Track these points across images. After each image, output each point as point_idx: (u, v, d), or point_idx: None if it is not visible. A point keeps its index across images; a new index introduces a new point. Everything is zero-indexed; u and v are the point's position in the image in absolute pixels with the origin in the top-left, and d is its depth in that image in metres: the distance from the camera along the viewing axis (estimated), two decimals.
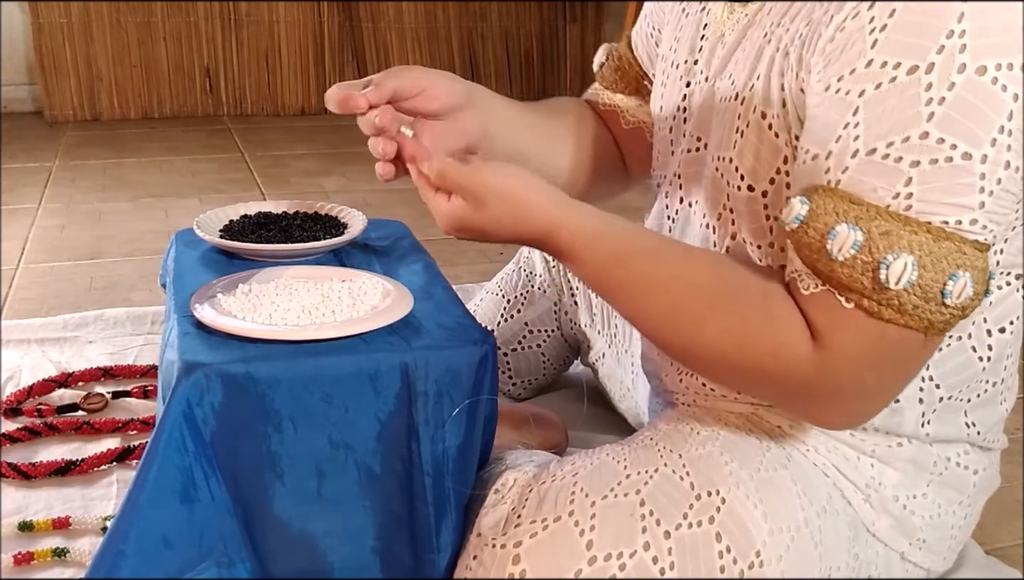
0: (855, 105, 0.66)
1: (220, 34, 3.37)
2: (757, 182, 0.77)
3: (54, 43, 3.18)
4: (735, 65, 0.80)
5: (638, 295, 0.75)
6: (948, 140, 0.63)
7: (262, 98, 3.46)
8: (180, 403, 0.72)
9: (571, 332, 1.26)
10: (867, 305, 0.67)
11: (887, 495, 0.83)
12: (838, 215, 0.66)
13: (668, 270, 0.74)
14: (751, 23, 0.79)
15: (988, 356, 0.81)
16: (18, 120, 3.18)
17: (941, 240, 0.65)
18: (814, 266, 0.69)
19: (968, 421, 0.84)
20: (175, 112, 3.35)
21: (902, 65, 0.64)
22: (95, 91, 3.24)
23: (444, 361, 0.77)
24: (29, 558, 0.98)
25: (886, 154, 0.65)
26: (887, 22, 0.65)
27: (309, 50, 3.48)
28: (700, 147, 0.85)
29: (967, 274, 0.65)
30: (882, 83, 0.65)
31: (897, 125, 0.64)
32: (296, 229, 1.00)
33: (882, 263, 0.65)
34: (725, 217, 0.82)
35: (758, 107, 0.76)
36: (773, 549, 0.75)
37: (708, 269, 0.75)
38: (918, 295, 0.65)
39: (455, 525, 0.79)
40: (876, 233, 0.65)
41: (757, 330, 0.71)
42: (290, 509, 0.77)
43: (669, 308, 0.74)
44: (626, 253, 0.75)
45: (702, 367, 0.80)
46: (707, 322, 0.73)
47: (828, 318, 0.69)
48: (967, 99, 0.63)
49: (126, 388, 1.33)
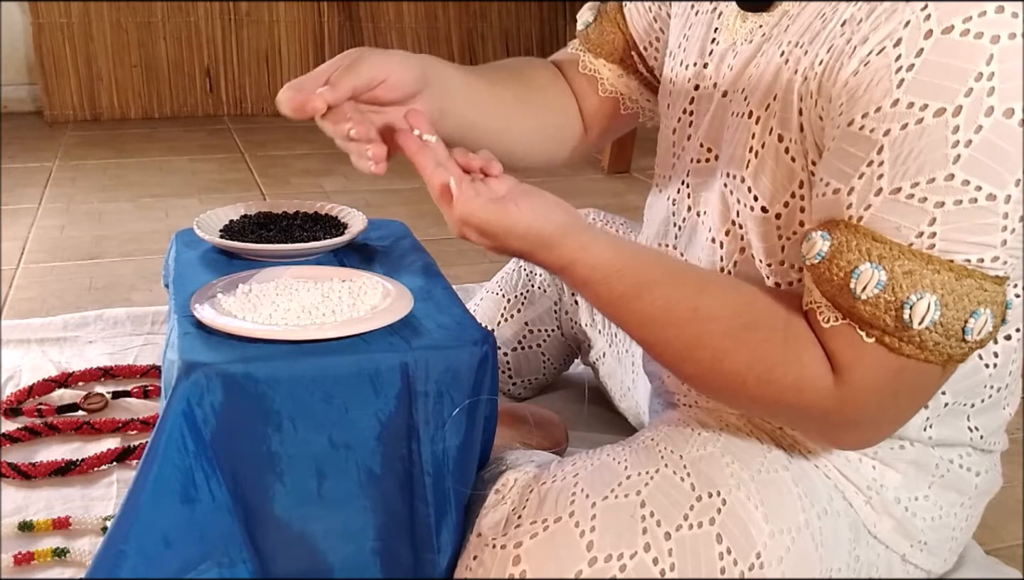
0: (879, 144, 0.65)
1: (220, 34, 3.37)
2: (771, 205, 0.77)
3: (54, 43, 3.18)
4: (749, 81, 0.78)
5: (656, 328, 0.75)
6: (973, 182, 0.63)
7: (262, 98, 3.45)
8: (180, 403, 0.72)
9: (571, 331, 1.26)
10: (888, 341, 0.67)
11: (888, 497, 0.83)
12: (861, 253, 0.66)
13: (686, 303, 0.74)
14: (767, 37, 0.78)
15: (994, 363, 0.81)
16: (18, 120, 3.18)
17: (963, 278, 0.65)
18: (834, 300, 0.68)
19: (971, 425, 0.84)
20: (175, 112, 3.35)
21: (929, 107, 0.63)
22: (95, 91, 3.24)
23: (444, 361, 0.77)
24: (29, 558, 0.98)
25: (911, 194, 0.64)
26: (914, 62, 0.63)
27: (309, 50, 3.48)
28: (711, 158, 0.84)
29: (987, 310, 0.66)
30: (908, 124, 0.64)
31: (923, 166, 0.63)
32: (296, 229, 1.00)
33: (905, 303, 0.65)
34: (734, 233, 0.81)
35: (775, 129, 0.75)
36: (774, 550, 0.75)
37: (726, 301, 0.74)
38: (939, 333, 0.66)
39: (455, 525, 0.79)
40: (899, 272, 0.65)
41: (778, 365, 0.71)
42: (290, 509, 0.77)
43: (687, 341, 0.74)
44: (642, 287, 0.74)
45: (722, 398, 0.80)
46: (727, 357, 0.72)
47: (849, 352, 0.69)
48: (994, 142, 0.62)
49: (126, 388, 1.33)
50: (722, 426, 0.83)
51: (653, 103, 1.04)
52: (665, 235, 0.92)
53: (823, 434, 0.78)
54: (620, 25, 1.01)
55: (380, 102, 0.80)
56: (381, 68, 0.78)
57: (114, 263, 1.91)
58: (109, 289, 1.76)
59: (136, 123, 3.25)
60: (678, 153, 0.90)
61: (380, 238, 1.04)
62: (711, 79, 0.84)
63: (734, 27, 0.82)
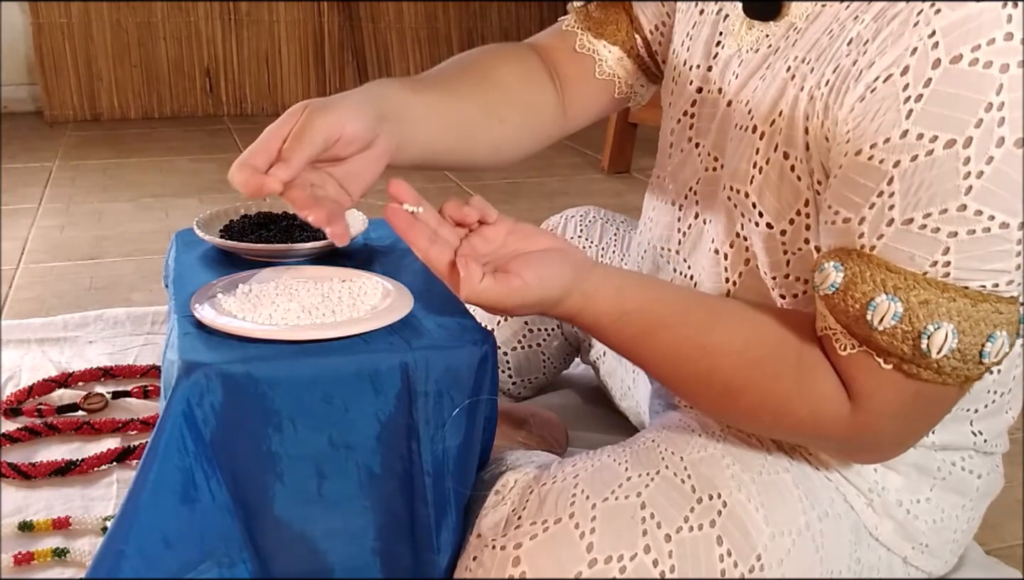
0: (889, 174, 0.64)
1: (220, 34, 3.37)
2: (776, 221, 0.76)
3: (54, 43, 3.18)
4: (754, 94, 0.77)
5: (668, 366, 0.76)
6: (986, 212, 0.62)
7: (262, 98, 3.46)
8: (180, 403, 0.72)
9: (572, 331, 1.26)
10: (906, 368, 0.67)
11: (890, 499, 0.83)
12: (876, 284, 0.66)
13: (696, 341, 0.74)
14: (773, 49, 0.77)
15: (997, 370, 0.81)
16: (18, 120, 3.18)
17: (979, 303, 0.64)
18: (850, 329, 0.68)
19: (974, 430, 0.84)
20: (175, 112, 3.35)
21: (939, 139, 0.62)
22: (95, 91, 3.24)
23: (444, 361, 0.77)
24: (29, 558, 0.98)
25: (923, 225, 0.64)
26: (923, 92, 0.62)
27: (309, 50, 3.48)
28: (717, 167, 0.84)
29: (1004, 332, 0.66)
30: (919, 155, 0.63)
31: (935, 198, 0.63)
32: (296, 229, 1.00)
33: (923, 333, 0.65)
34: (739, 245, 0.81)
35: (780, 146, 0.74)
36: (774, 552, 0.75)
37: (735, 335, 0.74)
38: (957, 358, 0.66)
39: (455, 526, 0.79)
40: (915, 302, 0.65)
41: (794, 399, 0.71)
42: (290, 509, 0.77)
43: (700, 378, 0.74)
44: (649, 328, 0.75)
45: (740, 426, 0.81)
46: (742, 392, 0.73)
47: (866, 380, 0.69)
48: (1005, 172, 0.62)
49: (126, 388, 1.33)
50: (723, 428, 0.83)
51: (647, 88, 1.02)
52: (669, 240, 0.91)
53: (840, 454, 0.80)
54: (625, 6, 0.97)
55: (338, 158, 0.76)
56: (334, 128, 0.72)
57: (114, 263, 1.91)
58: (109, 289, 1.76)
59: (136, 123, 3.25)
60: (675, 154, 0.90)
61: (380, 238, 1.04)
62: (715, 84, 0.84)
63: (740, 34, 0.81)
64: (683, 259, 0.89)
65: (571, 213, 1.25)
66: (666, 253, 0.92)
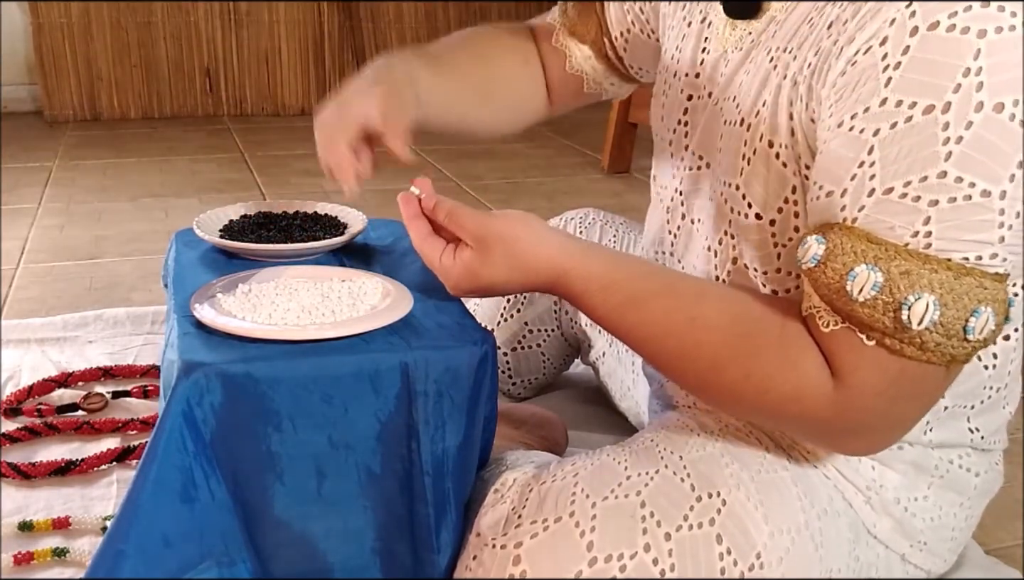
0: (870, 144, 0.65)
1: (220, 34, 3.37)
2: (765, 211, 0.77)
3: (54, 43, 3.18)
4: (739, 88, 0.78)
5: (653, 339, 0.75)
6: (967, 178, 0.62)
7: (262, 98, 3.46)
8: (180, 403, 0.72)
9: (571, 331, 1.26)
10: (888, 343, 0.66)
11: (888, 497, 0.83)
12: (856, 255, 0.65)
13: (682, 313, 0.74)
14: (756, 43, 0.78)
15: (993, 364, 0.81)
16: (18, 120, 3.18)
17: (962, 276, 0.64)
18: (832, 304, 0.68)
19: (971, 426, 0.84)
20: (175, 112, 3.35)
21: (918, 104, 0.62)
22: (95, 91, 3.24)
23: (444, 361, 0.77)
24: (29, 558, 0.98)
25: (904, 193, 0.64)
26: (901, 60, 0.63)
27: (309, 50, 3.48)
28: (702, 165, 0.85)
29: (989, 309, 0.65)
30: (898, 122, 0.63)
31: (914, 165, 0.63)
32: (296, 229, 1.00)
33: (903, 304, 0.64)
34: (726, 242, 0.81)
35: (765, 135, 0.75)
36: (774, 551, 0.75)
37: (722, 311, 0.74)
38: (940, 333, 0.65)
39: (455, 525, 0.79)
40: (896, 273, 0.64)
41: (777, 374, 0.71)
42: (290, 509, 0.77)
43: (685, 352, 0.74)
44: (638, 298, 0.75)
45: (722, 407, 0.81)
46: (725, 367, 0.72)
47: (848, 356, 0.68)
48: (985, 137, 0.62)
49: (126, 388, 1.33)
50: (721, 427, 0.83)
51: (618, 86, 1.08)
52: (661, 243, 0.93)
53: (827, 442, 0.78)
54: (597, 10, 1.03)
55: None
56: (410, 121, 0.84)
57: (114, 263, 1.91)
58: (109, 289, 1.76)
59: (136, 123, 3.25)
60: (666, 158, 0.91)
61: (380, 238, 1.04)
62: (704, 88, 0.85)
63: (724, 35, 0.82)
64: (677, 260, 0.90)
65: (570, 215, 1.26)
66: (661, 256, 0.93)
